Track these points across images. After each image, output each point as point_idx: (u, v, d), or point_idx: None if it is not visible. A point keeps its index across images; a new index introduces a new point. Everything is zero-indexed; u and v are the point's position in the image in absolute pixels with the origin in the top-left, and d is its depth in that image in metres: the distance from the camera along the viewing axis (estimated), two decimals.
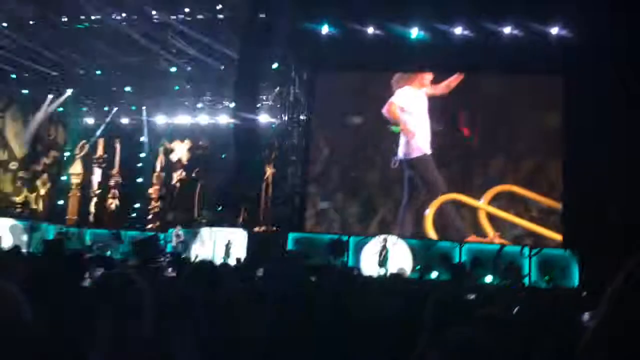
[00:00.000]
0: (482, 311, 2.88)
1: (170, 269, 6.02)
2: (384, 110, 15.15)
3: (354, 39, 14.06)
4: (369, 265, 13.38)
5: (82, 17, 14.03)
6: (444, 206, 14.70)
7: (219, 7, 14.06)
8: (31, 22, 14.60)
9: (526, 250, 13.01)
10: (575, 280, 12.48)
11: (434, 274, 12.85)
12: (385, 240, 13.47)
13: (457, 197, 14.60)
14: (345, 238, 13.96)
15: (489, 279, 12.48)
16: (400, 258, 13.36)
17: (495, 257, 12.94)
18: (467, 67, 14.63)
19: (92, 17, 14.08)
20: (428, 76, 15.08)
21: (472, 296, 6.16)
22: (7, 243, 14.15)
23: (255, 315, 3.42)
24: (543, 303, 5.05)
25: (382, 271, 12.99)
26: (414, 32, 13.74)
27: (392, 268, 13.06)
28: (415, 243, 13.73)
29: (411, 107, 15.09)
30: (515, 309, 3.80)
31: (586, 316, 3.69)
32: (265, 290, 3.93)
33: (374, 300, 4.58)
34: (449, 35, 13.55)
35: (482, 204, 14.45)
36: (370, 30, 13.78)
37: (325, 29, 14.09)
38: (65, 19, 14.28)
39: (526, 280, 12.37)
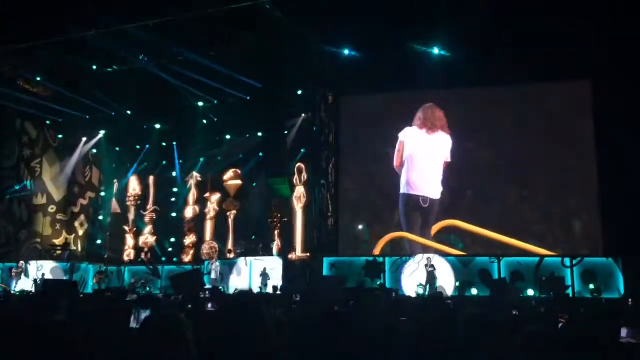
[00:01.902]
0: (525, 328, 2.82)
1: (210, 304, 6.05)
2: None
3: (375, 60, 14.05)
4: (407, 286, 13.25)
5: (111, 61, 14.44)
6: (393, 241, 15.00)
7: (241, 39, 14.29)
8: (63, 70, 15.05)
9: (567, 261, 12.73)
10: (621, 288, 12.15)
11: (474, 291, 12.67)
12: (429, 259, 13.27)
13: (404, 235, 14.89)
14: (380, 260, 13.88)
15: (531, 292, 12.25)
16: (440, 276, 13.17)
17: (536, 270, 12.70)
18: (490, 81, 14.48)
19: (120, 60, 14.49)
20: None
21: (515, 312, 6.06)
22: None
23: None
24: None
25: (420, 290, 12.86)
26: (435, 51, 13.73)
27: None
28: (452, 260, 13.53)
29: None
30: (560, 325, 3.72)
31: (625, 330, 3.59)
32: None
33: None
34: (468, 52, 13.42)
35: (428, 241, 14.59)
36: (391, 50, 13.77)
37: (346, 52, 14.15)
38: (95, 65, 14.70)
39: (570, 292, 12.11)
